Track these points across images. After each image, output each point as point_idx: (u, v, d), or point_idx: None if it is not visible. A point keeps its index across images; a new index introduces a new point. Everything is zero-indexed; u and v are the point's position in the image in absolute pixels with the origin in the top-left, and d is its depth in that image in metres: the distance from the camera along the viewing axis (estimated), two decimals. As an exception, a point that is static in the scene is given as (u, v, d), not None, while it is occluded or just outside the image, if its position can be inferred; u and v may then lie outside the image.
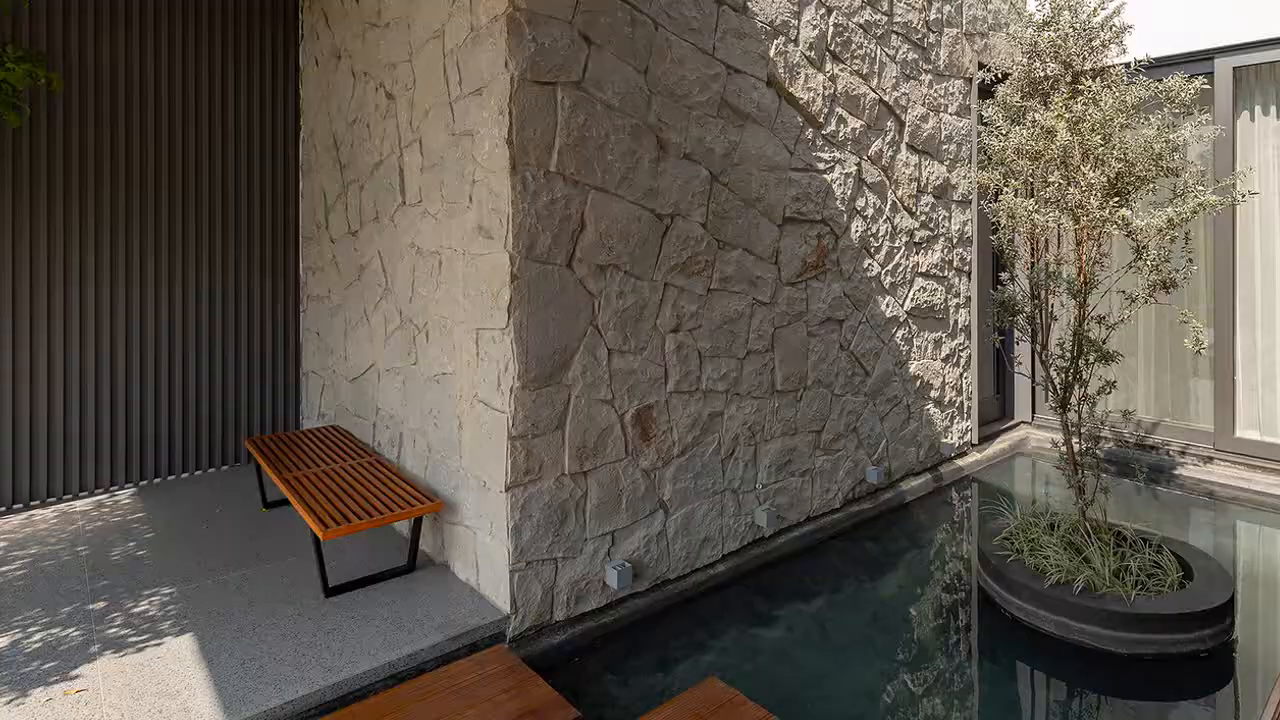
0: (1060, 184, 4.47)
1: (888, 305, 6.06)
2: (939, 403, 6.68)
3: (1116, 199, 4.34)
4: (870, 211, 5.87)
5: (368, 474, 4.81)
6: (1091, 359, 4.58)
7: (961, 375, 6.98)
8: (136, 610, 4.03)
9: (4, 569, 4.50)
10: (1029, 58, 4.84)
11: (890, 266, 6.09)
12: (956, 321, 6.89)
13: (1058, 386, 4.72)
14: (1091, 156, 4.37)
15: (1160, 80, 4.48)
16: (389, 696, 3.27)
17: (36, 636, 3.76)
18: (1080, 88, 4.57)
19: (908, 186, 6.27)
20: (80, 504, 5.62)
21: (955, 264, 6.85)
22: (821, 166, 5.47)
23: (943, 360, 6.72)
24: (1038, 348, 4.85)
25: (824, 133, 5.50)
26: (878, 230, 5.95)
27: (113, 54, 5.84)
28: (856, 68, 5.77)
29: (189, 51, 6.20)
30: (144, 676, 3.44)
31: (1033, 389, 7.95)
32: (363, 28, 5.61)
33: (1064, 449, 4.73)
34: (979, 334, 7.16)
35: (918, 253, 6.39)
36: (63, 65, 5.61)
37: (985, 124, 5.08)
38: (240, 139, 6.48)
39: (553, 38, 3.91)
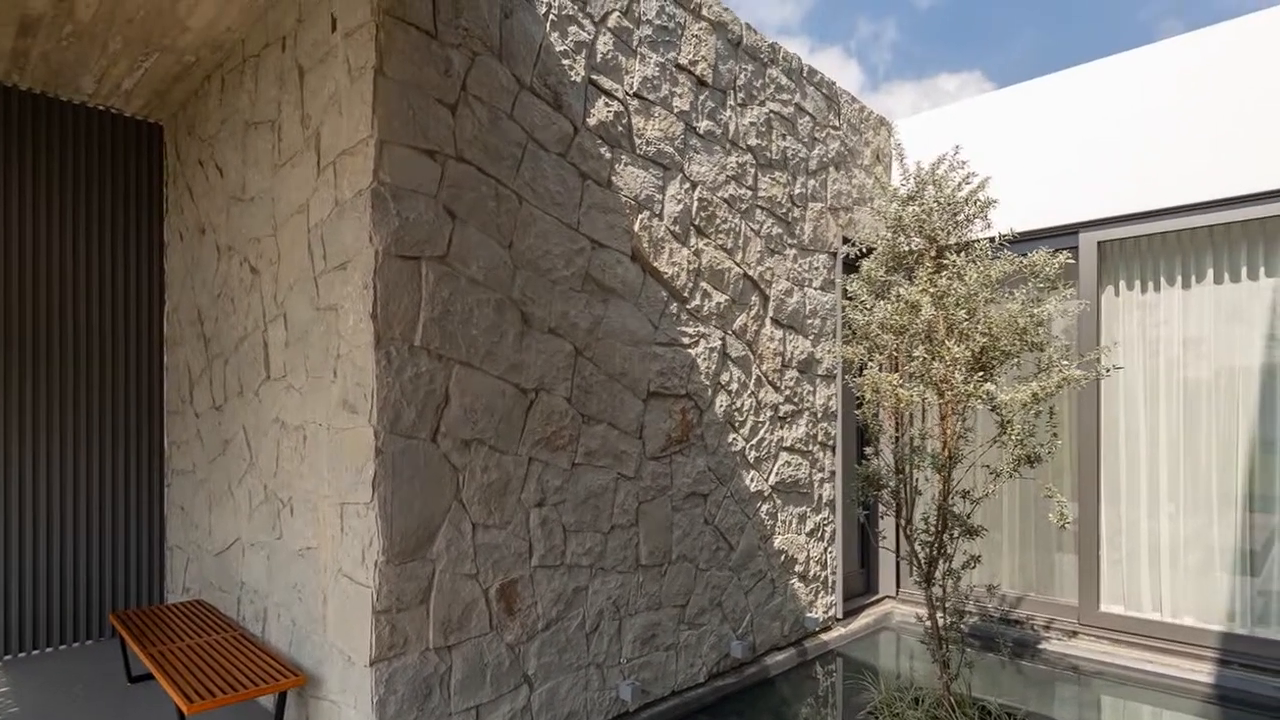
0: (924, 358, 4.71)
1: (752, 480, 6.56)
2: (804, 577, 7.13)
3: (981, 373, 4.61)
4: (735, 386, 6.39)
5: (232, 648, 5.04)
6: (956, 533, 4.91)
7: (826, 549, 7.45)
8: (1, 788, 4.17)
9: None
10: (893, 232, 5.11)
11: (755, 441, 6.60)
12: (821, 496, 7.40)
13: (922, 561, 5.02)
14: (956, 331, 4.63)
15: (1025, 255, 4.76)
16: None
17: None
18: (945, 262, 4.82)
19: (772, 361, 6.80)
20: (-58, 679, 5.70)
21: (820, 438, 7.41)
22: (686, 341, 5.90)
23: (807, 534, 7.20)
24: (902, 522, 5.15)
25: (688, 307, 5.92)
26: (742, 405, 6.47)
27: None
28: (721, 242, 6.25)
29: (52, 224, 6.61)
30: None
31: (897, 563, 8.21)
32: (227, 202, 6.02)
33: (928, 623, 5.00)
34: (843, 508, 7.61)
35: (782, 427, 6.94)
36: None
37: (850, 298, 5.32)
38: (104, 313, 6.85)
39: (417, 212, 4.22)
